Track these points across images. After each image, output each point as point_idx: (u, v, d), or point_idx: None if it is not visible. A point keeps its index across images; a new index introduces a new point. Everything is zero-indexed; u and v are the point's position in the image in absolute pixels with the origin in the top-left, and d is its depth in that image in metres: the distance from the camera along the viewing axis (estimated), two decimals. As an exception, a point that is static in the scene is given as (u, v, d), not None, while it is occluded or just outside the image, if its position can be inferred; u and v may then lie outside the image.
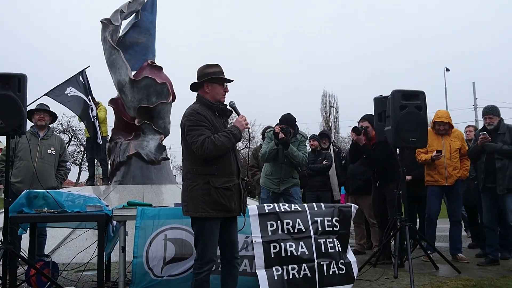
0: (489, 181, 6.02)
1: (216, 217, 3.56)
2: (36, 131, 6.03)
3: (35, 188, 5.32)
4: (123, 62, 10.74)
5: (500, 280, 5.02)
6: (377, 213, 6.61)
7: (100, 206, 4.83)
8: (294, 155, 5.96)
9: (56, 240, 6.97)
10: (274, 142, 5.98)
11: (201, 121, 3.59)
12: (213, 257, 3.60)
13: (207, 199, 3.52)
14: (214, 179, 3.55)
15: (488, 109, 6.20)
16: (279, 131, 5.87)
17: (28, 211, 4.77)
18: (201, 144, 3.50)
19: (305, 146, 6.31)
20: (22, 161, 5.86)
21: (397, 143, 5.61)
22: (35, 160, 5.90)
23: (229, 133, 3.59)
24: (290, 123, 6.07)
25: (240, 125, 3.68)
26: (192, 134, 3.57)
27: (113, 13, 11.10)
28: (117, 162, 10.71)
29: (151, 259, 4.34)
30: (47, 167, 6.04)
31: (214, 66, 3.79)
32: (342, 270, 4.58)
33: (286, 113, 6.26)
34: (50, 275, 4.68)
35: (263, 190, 6.34)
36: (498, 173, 5.91)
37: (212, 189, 3.53)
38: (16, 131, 4.51)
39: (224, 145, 3.53)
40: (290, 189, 6.18)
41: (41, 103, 6.25)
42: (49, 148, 6.09)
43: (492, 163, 5.96)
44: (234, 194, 3.63)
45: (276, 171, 6.15)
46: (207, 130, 3.57)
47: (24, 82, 4.54)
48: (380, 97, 6.12)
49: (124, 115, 11.22)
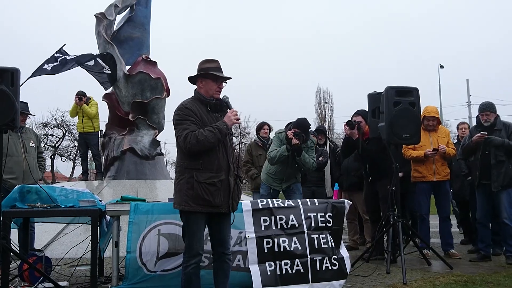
0: (484, 178, 6.01)
1: (200, 211, 3.57)
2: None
3: (27, 182, 5.31)
4: (117, 57, 10.69)
5: (491, 276, 5.06)
6: (369, 209, 6.64)
7: (93, 201, 4.82)
8: (306, 162, 5.88)
9: (50, 235, 6.96)
10: (286, 147, 5.87)
11: (188, 115, 3.62)
12: (199, 250, 3.62)
13: (191, 193, 3.55)
14: (198, 174, 3.57)
15: (484, 105, 6.17)
16: (293, 136, 5.76)
17: (21, 206, 4.75)
18: (184, 138, 3.54)
19: (314, 151, 6.24)
20: (10, 157, 5.78)
21: (391, 139, 5.63)
22: (22, 155, 5.91)
23: (215, 128, 3.58)
24: (304, 128, 5.92)
25: (229, 120, 3.66)
26: (178, 128, 3.63)
27: (107, 7, 11.05)
28: (111, 157, 10.69)
29: (144, 254, 4.35)
30: (32, 161, 6.10)
31: (210, 61, 3.80)
32: (335, 265, 4.60)
33: (302, 117, 6.08)
34: (43, 270, 4.68)
35: (264, 187, 6.30)
36: (493, 170, 5.91)
37: (196, 184, 3.55)
38: (9, 125, 4.47)
39: (208, 139, 3.53)
40: (292, 186, 6.16)
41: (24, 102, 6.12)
42: (30, 141, 6.14)
43: (487, 160, 5.96)
44: (220, 190, 3.61)
45: (281, 172, 6.08)
46: (192, 124, 3.59)
47: (17, 77, 4.51)
48: (374, 93, 6.13)
49: (118, 110, 11.17)
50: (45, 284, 4.57)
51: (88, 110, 10.26)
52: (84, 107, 10.24)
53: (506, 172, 5.89)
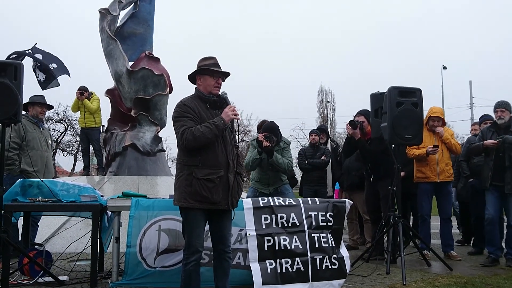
0: (496, 179, 5.85)
1: (199, 208, 3.58)
2: (36, 121, 6.05)
3: (46, 176, 5.39)
4: (120, 53, 10.71)
5: (491, 278, 5.05)
6: (370, 209, 6.64)
7: (94, 196, 4.83)
8: (279, 163, 5.91)
9: (50, 230, 6.97)
10: (257, 150, 5.95)
11: (186, 112, 3.64)
12: (198, 247, 3.61)
13: (189, 189, 3.56)
14: (197, 170, 3.58)
15: (500, 102, 6.02)
16: (263, 139, 5.84)
17: (22, 200, 4.76)
18: (181, 135, 3.56)
19: (289, 151, 6.26)
20: (35, 150, 5.87)
21: (393, 139, 5.62)
22: (45, 150, 6.00)
23: (212, 124, 3.59)
24: (273, 131, 6.00)
25: (226, 115, 3.66)
26: (176, 125, 3.66)
27: (111, 3, 11.07)
28: (112, 152, 10.70)
29: (144, 249, 4.36)
30: (50, 157, 6.19)
31: (208, 59, 3.84)
32: (335, 264, 4.60)
33: (269, 121, 6.23)
34: (43, 264, 4.69)
35: (250, 189, 6.31)
36: (507, 172, 5.75)
37: (194, 180, 3.56)
38: (12, 119, 4.49)
39: (204, 135, 3.53)
40: (280, 188, 6.15)
41: (40, 95, 6.21)
42: (48, 139, 6.24)
43: (502, 161, 5.79)
44: (218, 187, 3.61)
45: (264, 177, 6.11)
46: (190, 121, 3.61)
47: (20, 71, 4.53)
48: (377, 93, 6.11)
49: (121, 106, 11.19)
50: (45, 278, 4.58)
51: (90, 105, 10.27)
52: (86, 102, 10.25)
53: None
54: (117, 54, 10.73)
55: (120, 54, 10.72)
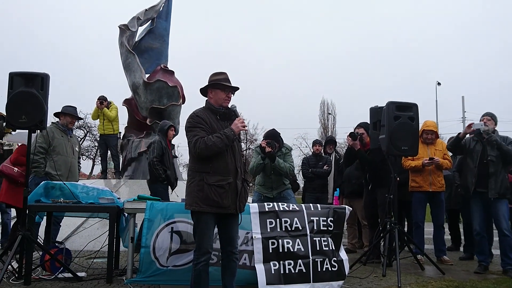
0: (480, 186, 5.72)
1: (210, 212, 3.58)
2: (65, 129, 6.09)
3: (70, 180, 5.44)
4: (138, 66, 10.80)
5: (481, 282, 5.01)
6: (368, 215, 6.63)
7: (112, 199, 4.86)
8: (281, 167, 5.97)
9: (70, 228, 7.01)
10: (261, 156, 6.02)
11: (199, 123, 3.66)
12: (208, 248, 3.62)
13: (201, 194, 3.57)
14: (208, 177, 3.59)
15: (488, 112, 5.96)
16: (265, 145, 5.92)
17: (45, 201, 4.80)
18: (194, 144, 3.58)
19: (291, 156, 6.31)
20: (60, 156, 5.90)
21: (390, 150, 5.62)
22: (70, 156, 6.04)
23: (222, 134, 3.62)
24: (274, 137, 6.09)
25: (236, 127, 3.70)
26: (189, 135, 3.67)
27: (130, 19, 11.20)
28: (128, 158, 10.78)
29: (157, 249, 4.36)
30: (75, 163, 6.21)
31: (219, 74, 3.87)
32: (335, 267, 4.58)
33: (271, 128, 6.29)
34: (63, 261, 4.71)
35: (255, 194, 6.36)
36: (491, 178, 5.65)
37: (206, 186, 3.57)
38: (37, 126, 4.55)
39: (216, 145, 3.56)
40: (283, 193, 6.17)
41: (73, 107, 6.25)
42: (75, 146, 6.28)
43: (485, 168, 5.70)
44: (228, 192, 3.62)
45: (268, 181, 6.17)
46: (202, 131, 3.63)
47: (46, 81, 4.59)
48: (375, 107, 6.14)
49: (137, 115, 11.28)
50: (64, 274, 4.61)
51: (109, 113, 10.33)
52: (105, 111, 10.31)
53: (502, 180, 5.64)
54: (134, 67, 10.82)
55: (137, 66, 10.81)
